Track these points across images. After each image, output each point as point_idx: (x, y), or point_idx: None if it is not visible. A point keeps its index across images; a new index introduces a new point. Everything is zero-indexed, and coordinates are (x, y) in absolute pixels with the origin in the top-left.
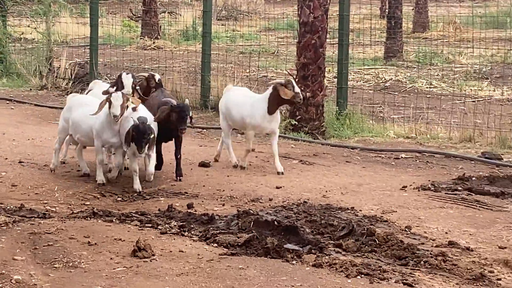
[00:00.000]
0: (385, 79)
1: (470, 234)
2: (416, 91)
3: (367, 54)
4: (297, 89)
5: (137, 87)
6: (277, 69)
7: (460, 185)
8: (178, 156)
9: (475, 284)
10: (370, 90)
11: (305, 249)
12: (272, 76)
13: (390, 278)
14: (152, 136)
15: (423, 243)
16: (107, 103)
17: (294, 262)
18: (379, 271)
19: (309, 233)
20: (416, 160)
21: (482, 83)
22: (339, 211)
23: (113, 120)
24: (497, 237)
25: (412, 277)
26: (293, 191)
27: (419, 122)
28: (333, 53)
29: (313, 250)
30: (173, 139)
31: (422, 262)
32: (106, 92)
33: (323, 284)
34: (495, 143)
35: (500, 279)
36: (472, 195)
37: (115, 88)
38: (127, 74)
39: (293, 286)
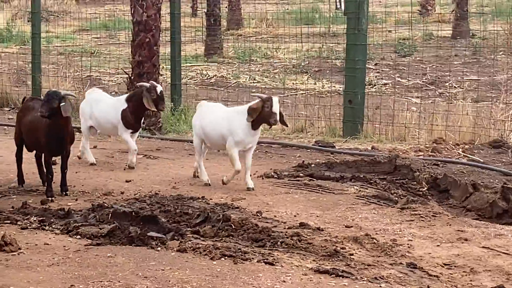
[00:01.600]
0: (209, 76)
1: (317, 216)
2: (240, 86)
3: (187, 52)
4: (275, 109)
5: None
6: (103, 68)
7: (301, 171)
8: (65, 171)
9: (330, 260)
10: (197, 86)
11: (168, 236)
12: (97, 76)
13: (252, 258)
14: None
15: (276, 226)
16: None
17: (159, 248)
18: (240, 253)
19: (166, 222)
20: (255, 151)
21: (302, 77)
22: (191, 201)
23: None
24: (342, 217)
25: (272, 256)
26: (143, 184)
27: None
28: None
29: (176, 237)
30: (61, 154)
31: (278, 243)
32: None
33: (191, 267)
34: (326, 133)
35: (352, 254)
36: (313, 180)
37: None
38: None
39: (163, 270)
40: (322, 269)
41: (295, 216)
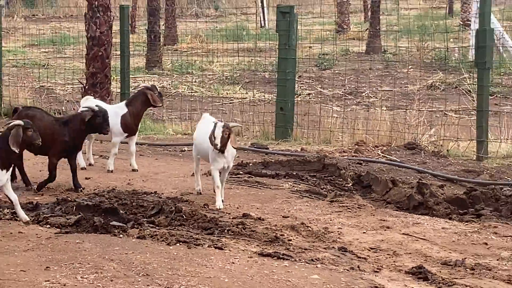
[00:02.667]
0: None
1: (257, 208)
2: (180, 95)
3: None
4: (216, 133)
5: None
6: (54, 79)
7: (241, 169)
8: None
9: (272, 245)
10: None
11: (128, 225)
12: (50, 86)
13: (203, 244)
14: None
15: (222, 216)
16: None
17: (121, 235)
18: (193, 239)
19: (124, 213)
20: None
21: (235, 87)
22: (145, 195)
23: None
24: (279, 209)
25: (220, 242)
26: (101, 181)
27: (194, 121)
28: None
29: (135, 226)
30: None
31: (225, 231)
32: None
33: (151, 251)
34: (260, 136)
35: (290, 240)
36: (252, 177)
37: None
38: None
39: (126, 253)
40: (265, 253)
41: (238, 208)
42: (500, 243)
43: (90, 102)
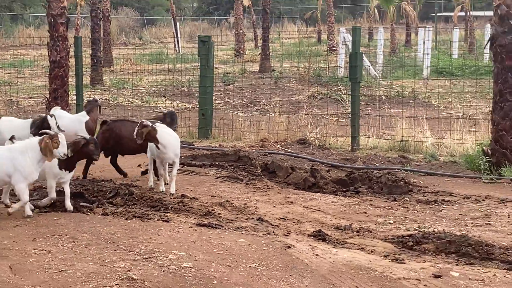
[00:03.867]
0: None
1: (191, 190)
2: (120, 105)
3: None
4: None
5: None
6: (18, 94)
7: None
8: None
9: (206, 218)
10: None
11: (94, 205)
12: (15, 99)
13: (153, 218)
14: None
15: (165, 197)
16: None
17: (89, 213)
18: (145, 215)
19: (89, 196)
20: None
21: (162, 99)
22: (103, 182)
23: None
24: (208, 190)
25: (166, 216)
26: None
27: None
28: None
29: (99, 206)
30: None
31: (169, 208)
32: None
33: (114, 224)
34: (187, 136)
35: (220, 214)
36: (185, 167)
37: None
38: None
39: (95, 227)
40: (202, 223)
41: (176, 190)
42: (376, 212)
43: (58, 111)
